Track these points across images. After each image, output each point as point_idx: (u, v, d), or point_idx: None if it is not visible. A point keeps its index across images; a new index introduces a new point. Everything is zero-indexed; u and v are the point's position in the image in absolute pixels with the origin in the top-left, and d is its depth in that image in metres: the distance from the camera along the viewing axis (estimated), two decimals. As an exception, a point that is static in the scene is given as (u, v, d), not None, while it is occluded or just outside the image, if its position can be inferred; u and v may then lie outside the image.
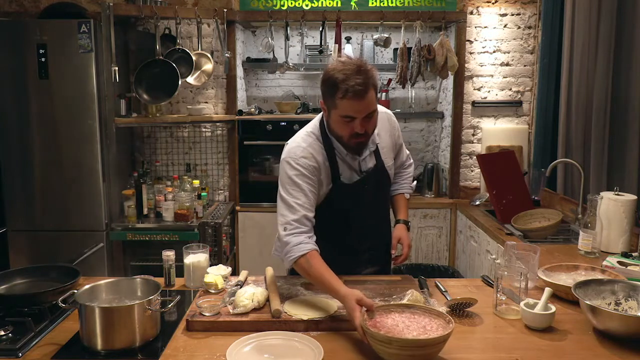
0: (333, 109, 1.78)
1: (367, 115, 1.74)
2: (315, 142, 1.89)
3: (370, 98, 1.71)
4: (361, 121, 1.74)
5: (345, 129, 1.77)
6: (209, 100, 4.02)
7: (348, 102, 1.70)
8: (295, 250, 1.70)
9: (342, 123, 1.77)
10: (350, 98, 1.69)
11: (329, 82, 1.76)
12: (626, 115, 3.00)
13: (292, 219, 1.76)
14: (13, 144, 3.45)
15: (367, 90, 1.69)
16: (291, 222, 1.75)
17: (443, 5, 3.86)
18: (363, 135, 1.78)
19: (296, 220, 1.75)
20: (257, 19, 3.78)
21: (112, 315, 1.43)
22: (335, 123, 1.80)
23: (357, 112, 1.72)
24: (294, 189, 1.79)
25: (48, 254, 3.50)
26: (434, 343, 1.33)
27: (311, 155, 1.85)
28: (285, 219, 1.77)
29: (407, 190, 2.20)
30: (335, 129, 1.82)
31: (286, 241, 1.73)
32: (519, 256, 1.89)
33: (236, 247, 3.90)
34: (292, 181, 1.80)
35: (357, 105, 1.70)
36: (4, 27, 3.38)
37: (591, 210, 2.31)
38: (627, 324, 1.46)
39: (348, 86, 1.68)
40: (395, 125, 2.07)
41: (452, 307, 1.65)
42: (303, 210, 1.77)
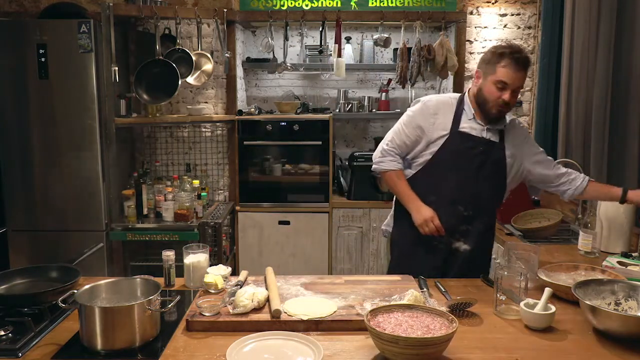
0: (491, 74, 2.03)
1: (516, 88, 2.01)
2: (451, 100, 2.17)
3: (524, 75, 2.01)
4: (511, 91, 2.00)
5: (495, 94, 2.02)
6: (209, 100, 4.02)
7: (508, 69, 1.98)
8: (391, 164, 2.18)
9: (495, 89, 2.01)
10: (510, 66, 1.97)
11: (497, 51, 2.02)
12: (626, 115, 3.00)
13: (396, 142, 2.17)
14: (13, 144, 3.45)
15: (525, 66, 2.00)
16: (394, 144, 2.18)
17: (443, 5, 3.86)
18: (506, 106, 2.03)
19: (396, 145, 2.17)
20: (257, 19, 3.78)
21: (112, 315, 1.43)
22: (488, 88, 2.04)
23: (512, 80, 1.98)
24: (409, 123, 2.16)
25: (48, 254, 3.50)
26: (439, 342, 1.33)
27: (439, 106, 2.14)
28: (393, 137, 2.19)
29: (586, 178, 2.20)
30: (485, 93, 2.05)
31: (386, 153, 2.19)
32: (519, 256, 1.89)
33: (236, 247, 3.90)
34: (412, 117, 2.16)
35: (514, 75, 1.98)
36: (4, 27, 3.38)
37: (591, 210, 2.31)
38: (627, 324, 1.46)
39: (512, 56, 1.98)
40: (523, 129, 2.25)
41: (452, 307, 1.65)
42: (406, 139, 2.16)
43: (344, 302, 1.69)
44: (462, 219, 2.12)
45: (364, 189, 3.77)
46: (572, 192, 2.19)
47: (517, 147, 2.16)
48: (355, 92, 4.20)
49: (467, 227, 2.13)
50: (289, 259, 3.85)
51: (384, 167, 2.20)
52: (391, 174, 2.18)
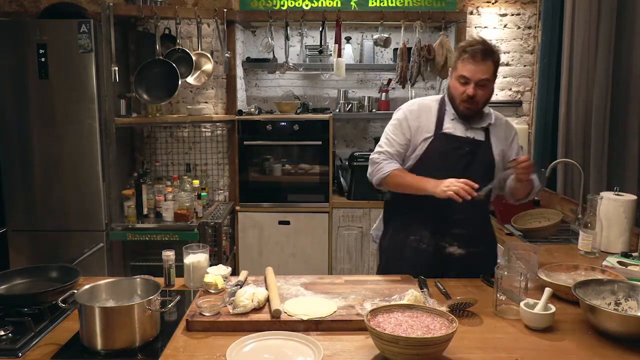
0: (454, 71, 2.03)
1: (480, 81, 1.96)
2: (432, 102, 2.14)
3: (486, 66, 1.96)
4: (473, 85, 1.96)
5: (459, 90, 2.01)
6: (208, 100, 4.02)
7: (465, 63, 1.97)
8: (388, 166, 2.06)
9: (458, 84, 2.01)
10: (467, 60, 1.96)
11: (457, 49, 2.03)
12: (626, 115, 3.00)
13: (387, 150, 2.09)
14: (13, 144, 3.45)
15: (485, 57, 1.95)
16: (384, 151, 2.09)
17: (443, 5, 3.86)
18: (472, 102, 1.99)
19: (389, 152, 2.09)
20: (257, 19, 3.78)
21: (112, 315, 1.43)
22: (453, 84, 2.04)
23: (472, 74, 1.96)
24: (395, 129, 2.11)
25: (48, 254, 3.50)
26: (440, 341, 1.33)
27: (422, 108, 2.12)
28: (382, 148, 2.11)
29: None
30: (452, 89, 2.05)
31: (377, 161, 2.09)
32: (519, 256, 1.89)
33: (236, 247, 3.90)
34: (398, 122, 2.11)
35: (473, 68, 1.95)
36: (4, 27, 3.38)
37: (591, 210, 2.30)
38: (627, 324, 1.46)
39: (469, 49, 1.96)
40: (511, 129, 2.19)
41: (452, 307, 1.65)
42: (397, 146, 2.09)
43: (344, 302, 1.69)
44: (453, 223, 2.05)
45: (364, 189, 3.77)
46: None
47: (503, 144, 2.12)
48: (355, 92, 4.19)
49: (459, 230, 2.06)
50: (289, 259, 3.85)
51: (384, 172, 2.07)
52: (394, 172, 2.07)
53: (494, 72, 2.00)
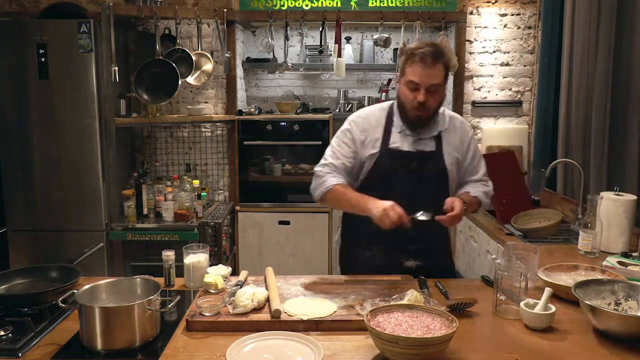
0: (402, 76, 1.91)
1: (431, 86, 1.85)
2: (379, 112, 2.03)
3: (437, 71, 1.84)
4: (425, 92, 1.85)
5: (409, 96, 1.89)
6: (209, 100, 4.02)
7: (414, 67, 1.84)
8: (332, 180, 1.92)
9: (407, 90, 1.88)
10: (416, 63, 1.83)
11: (405, 52, 1.91)
12: (626, 115, 3.00)
13: (333, 163, 1.98)
14: (13, 144, 3.45)
15: (435, 61, 1.83)
16: (330, 165, 1.98)
17: (443, 5, 3.86)
18: (424, 109, 1.88)
19: (335, 165, 1.97)
20: (257, 19, 3.79)
21: (112, 315, 1.42)
22: (402, 90, 1.92)
23: (421, 79, 1.84)
24: (341, 141, 2.01)
25: (48, 254, 3.50)
26: (439, 342, 1.33)
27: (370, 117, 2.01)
28: (326, 161, 2.00)
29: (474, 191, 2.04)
30: (401, 96, 1.93)
31: (321, 174, 1.96)
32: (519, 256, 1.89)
33: (236, 247, 3.90)
34: (344, 134, 2.01)
35: (423, 73, 1.83)
36: (4, 27, 3.38)
37: (591, 210, 2.30)
38: (627, 324, 1.45)
39: (418, 53, 1.83)
40: (467, 132, 2.07)
41: (452, 307, 1.65)
42: (344, 159, 1.98)
43: (344, 302, 1.69)
44: (408, 240, 1.93)
45: (364, 189, 3.77)
46: None
47: (458, 150, 2.02)
48: (355, 92, 4.19)
49: (414, 247, 1.98)
50: (289, 259, 3.85)
51: (325, 186, 1.91)
52: (336, 188, 1.90)
53: (444, 77, 1.88)
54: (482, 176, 2.12)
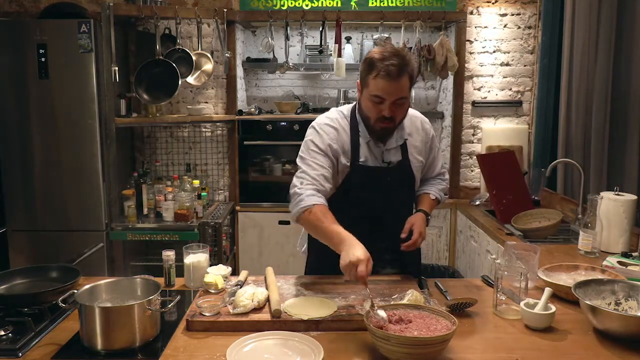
0: (365, 87, 1.81)
1: (397, 100, 1.77)
2: (343, 120, 1.93)
3: (403, 83, 1.74)
4: (390, 105, 1.77)
5: (373, 111, 1.81)
6: (209, 100, 4.02)
7: (379, 81, 1.74)
8: (307, 200, 1.76)
9: (372, 104, 1.80)
10: (382, 77, 1.73)
11: (367, 61, 1.79)
12: (626, 115, 3.00)
13: (309, 174, 1.83)
14: (13, 144, 3.45)
15: (400, 74, 1.72)
16: (307, 177, 1.82)
17: (443, 5, 3.86)
18: (390, 121, 1.81)
19: (312, 177, 1.82)
20: (257, 19, 3.78)
21: (112, 315, 1.43)
22: (365, 103, 1.83)
23: (387, 94, 1.75)
24: (314, 151, 1.87)
25: (48, 254, 3.50)
26: (432, 342, 1.33)
27: (335, 127, 1.90)
28: (302, 175, 1.85)
29: (434, 192, 2.08)
30: (364, 109, 1.85)
31: (298, 193, 1.79)
32: (519, 256, 1.89)
33: (236, 247, 3.90)
34: (314, 144, 1.88)
35: (388, 87, 1.74)
36: (4, 27, 3.38)
37: (591, 210, 2.30)
38: (627, 324, 1.46)
39: (382, 65, 1.72)
40: (428, 132, 2.04)
41: (452, 307, 1.65)
42: (321, 169, 1.84)
43: (344, 302, 1.69)
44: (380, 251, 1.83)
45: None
46: None
47: (421, 153, 2.00)
48: (355, 92, 4.18)
49: (387, 256, 1.95)
50: (289, 259, 3.85)
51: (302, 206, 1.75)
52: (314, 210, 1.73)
53: (409, 87, 1.79)
54: (439, 169, 2.15)
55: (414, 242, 1.87)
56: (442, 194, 2.13)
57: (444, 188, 2.15)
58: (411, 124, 1.99)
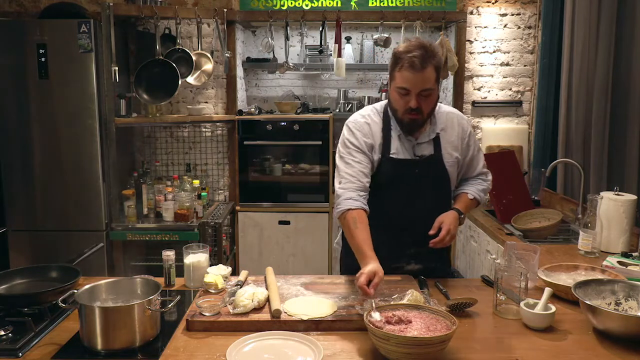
0: (392, 81, 1.86)
1: (422, 91, 1.80)
2: (375, 115, 1.98)
3: (427, 74, 1.78)
4: (416, 96, 1.80)
5: (400, 102, 1.84)
6: (209, 100, 4.02)
7: (404, 73, 1.78)
8: (344, 204, 1.82)
9: (398, 96, 1.84)
10: (406, 69, 1.77)
11: (393, 56, 1.84)
12: (626, 115, 3.00)
13: (347, 172, 1.88)
14: (13, 144, 3.45)
15: (425, 65, 1.76)
16: (346, 175, 1.88)
17: (443, 5, 3.86)
18: (417, 112, 1.83)
19: (350, 174, 1.87)
20: (257, 19, 3.79)
21: (112, 315, 1.43)
22: (393, 96, 1.87)
23: (412, 85, 1.78)
24: (351, 149, 1.92)
25: (48, 254, 3.50)
26: (432, 342, 1.33)
27: (368, 123, 1.95)
28: (341, 173, 1.90)
29: (472, 192, 2.04)
30: (392, 101, 1.89)
31: (339, 194, 1.86)
32: (519, 256, 1.89)
33: (236, 247, 3.90)
34: (350, 142, 1.93)
35: (412, 78, 1.77)
36: (4, 27, 3.38)
37: (591, 210, 2.30)
38: (627, 324, 1.46)
39: (406, 57, 1.77)
40: (465, 129, 2.02)
41: (452, 307, 1.65)
42: (358, 166, 1.88)
43: (344, 302, 1.69)
44: (410, 244, 1.93)
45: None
46: None
47: (457, 149, 1.99)
48: (355, 92, 4.19)
49: (415, 249, 1.97)
50: (289, 259, 3.85)
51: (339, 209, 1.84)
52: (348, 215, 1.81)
53: (436, 79, 1.82)
54: (481, 169, 2.12)
55: (441, 239, 1.85)
56: (482, 195, 2.08)
57: (485, 189, 2.10)
58: (446, 119, 1.99)
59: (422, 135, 1.94)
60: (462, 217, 1.96)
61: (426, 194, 1.95)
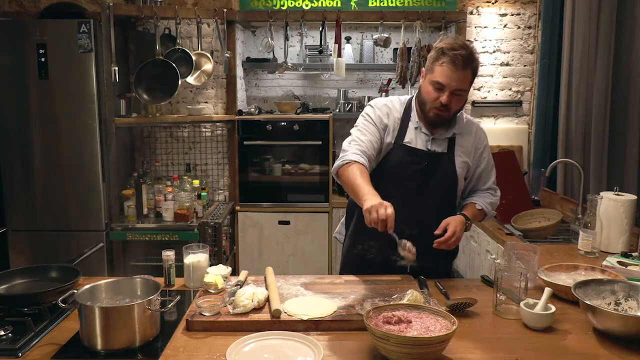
0: (430, 73, 1.87)
1: (456, 90, 1.83)
2: (398, 104, 2.01)
3: (466, 75, 1.82)
4: (449, 93, 1.82)
5: (432, 95, 1.86)
6: (208, 100, 4.02)
7: (445, 68, 1.80)
8: (353, 156, 1.84)
9: (433, 89, 1.85)
10: (447, 65, 1.80)
11: (437, 48, 1.86)
12: (626, 115, 3.00)
13: (359, 137, 1.91)
14: (13, 144, 3.45)
15: (466, 65, 1.80)
16: (357, 139, 1.91)
17: (443, 5, 3.86)
18: (445, 109, 1.85)
19: (362, 140, 1.90)
20: (257, 19, 3.79)
21: (112, 315, 1.42)
22: (426, 88, 1.88)
23: (449, 82, 1.81)
24: (367, 121, 1.96)
25: (48, 254, 3.50)
26: (432, 342, 1.33)
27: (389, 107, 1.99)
28: (352, 137, 1.93)
29: (480, 203, 2.03)
30: (424, 93, 1.91)
31: (347, 149, 1.89)
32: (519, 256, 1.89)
33: (236, 247, 3.90)
34: (369, 115, 1.97)
35: (452, 75, 1.80)
36: (4, 27, 3.38)
37: (591, 210, 2.30)
38: (627, 324, 1.45)
39: (451, 54, 1.79)
40: (482, 139, 2.05)
41: (452, 307, 1.65)
42: (370, 136, 1.92)
43: (344, 302, 1.69)
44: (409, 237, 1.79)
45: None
46: None
47: (469, 155, 1.99)
48: (355, 92, 4.20)
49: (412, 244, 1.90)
50: (289, 259, 3.85)
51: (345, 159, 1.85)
52: (354, 166, 1.81)
53: (471, 82, 1.86)
54: (491, 184, 2.12)
55: (446, 239, 1.85)
56: (490, 208, 2.06)
57: (494, 203, 2.09)
58: (465, 125, 2.01)
59: (439, 133, 1.96)
60: (468, 223, 1.96)
61: (431, 190, 1.96)
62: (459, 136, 1.99)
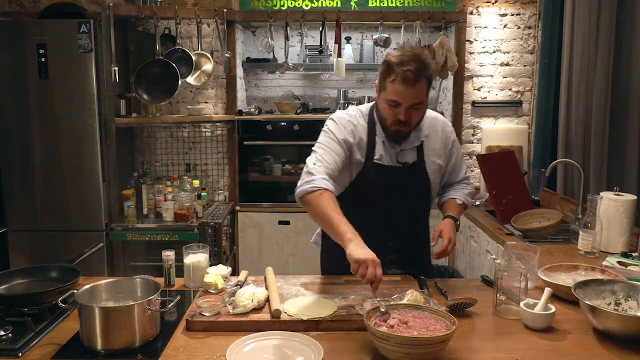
0: (382, 91, 1.82)
1: (413, 105, 1.77)
2: (360, 118, 1.94)
3: (419, 89, 1.74)
4: (406, 109, 1.77)
5: (389, 113, 1.81)
6: (208, 100, 4.02)
7: (396, 86, 1.74)
8: (320, 182, 1.73)
9: (388, 107, 1.80)
10: (398, 82, 1.73)
11: (385, 64, 1.79)
12: (626, 115, 3.00)
13: (324, 157, 1.82)
14: (13, 144, 3.45)
15: (417, 80, 1.72)
16: (322, 159, 1.82)
17: (443, 5, 3.86)
18: (405, 125, 1.81)
19: (327, 160, 1.81)
20: (257, 19, 3.78)
21: (112, 315, 1.43)
22: (382, 105, 1.84)
23: (403, 99, 1.75)
24: (332, 139, 1.88)
25: (48, 254, 3.50)
26: (432, 342, 1.33)
27: (353, 124, 1.92)
28: (317, 156, 1.84)
29: (460, 196, 2.05)
30: (381, 110, 1.86)
31: (312, 172, 1.77)
32: (519, 256, 1.89)
33: (236, 247, 3.90)
34: (333, 133, 1.90)
35: (404, 92, 1.74)
36: (4, 27, 3.38)
37: (591, 210, 2.30)
38: (627, 324, 1.46)
39: (400, 70, 1.72)
40: (449, 135, 2.02)
41: (452, 307, 1.65)
42: (335, 156, 1.84)
43: (344, 302, 1.69)
44: (387, 250, 1.80)
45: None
46: None
47: (440, 156, 1.98)
48: (355, 92, 4.19)
49: (393, 256, 1.90)
50: (289, 259, 3.85)
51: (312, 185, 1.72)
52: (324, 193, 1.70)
53: (427, 91, 1.79)
54: (464, 175, 2.13)
55: (444, 249, 1.85)
56: (469, 198, 2.09)
57: (470, 192, 2.11)
58: (430, 126, 1.97)
59: (407, 142, 1.92)
60: (457, 223, 1.98)
61: (407, 200, 1.95)
62: (426, 139, 1.96)
